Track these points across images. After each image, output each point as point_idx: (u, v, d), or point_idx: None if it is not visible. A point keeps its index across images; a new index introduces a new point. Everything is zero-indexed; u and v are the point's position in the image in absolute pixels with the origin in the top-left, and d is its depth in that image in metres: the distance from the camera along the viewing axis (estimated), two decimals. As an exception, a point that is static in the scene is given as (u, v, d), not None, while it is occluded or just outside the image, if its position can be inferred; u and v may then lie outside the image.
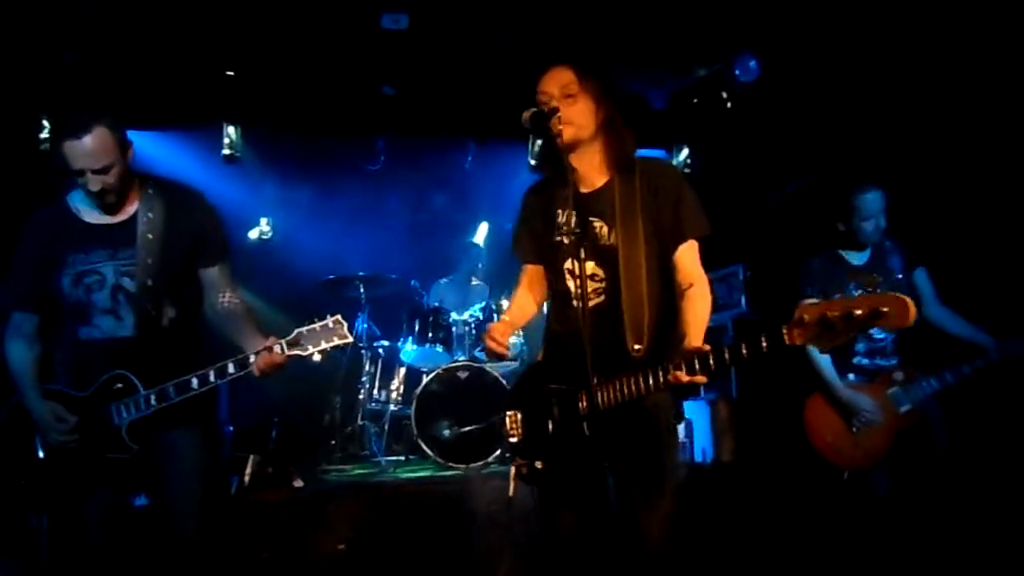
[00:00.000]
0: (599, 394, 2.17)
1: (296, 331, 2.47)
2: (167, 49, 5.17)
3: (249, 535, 3.70)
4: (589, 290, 2.31)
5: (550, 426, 2.33)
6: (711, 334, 2.17)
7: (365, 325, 5.83)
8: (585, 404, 2.23)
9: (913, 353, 3.50)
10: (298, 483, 4.49)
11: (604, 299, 2.32)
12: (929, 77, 4.53)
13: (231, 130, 6.03)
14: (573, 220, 2.27)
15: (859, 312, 1.78)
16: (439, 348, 5.43)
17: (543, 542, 2.42)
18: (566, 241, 2.36)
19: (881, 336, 3.46)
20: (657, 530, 2.23)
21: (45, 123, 5.49)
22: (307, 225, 6.85)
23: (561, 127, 2.26)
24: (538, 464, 2.34)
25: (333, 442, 5.51)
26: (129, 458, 2.50)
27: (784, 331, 1.90)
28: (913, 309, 1.75)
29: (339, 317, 2.50)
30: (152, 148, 5.83)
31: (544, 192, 2.51)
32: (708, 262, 2.35)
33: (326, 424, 5.66)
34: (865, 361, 3.49)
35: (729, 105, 5.87)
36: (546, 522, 2.40)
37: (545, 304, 2.64)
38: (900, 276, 3.55)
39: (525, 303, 2.60)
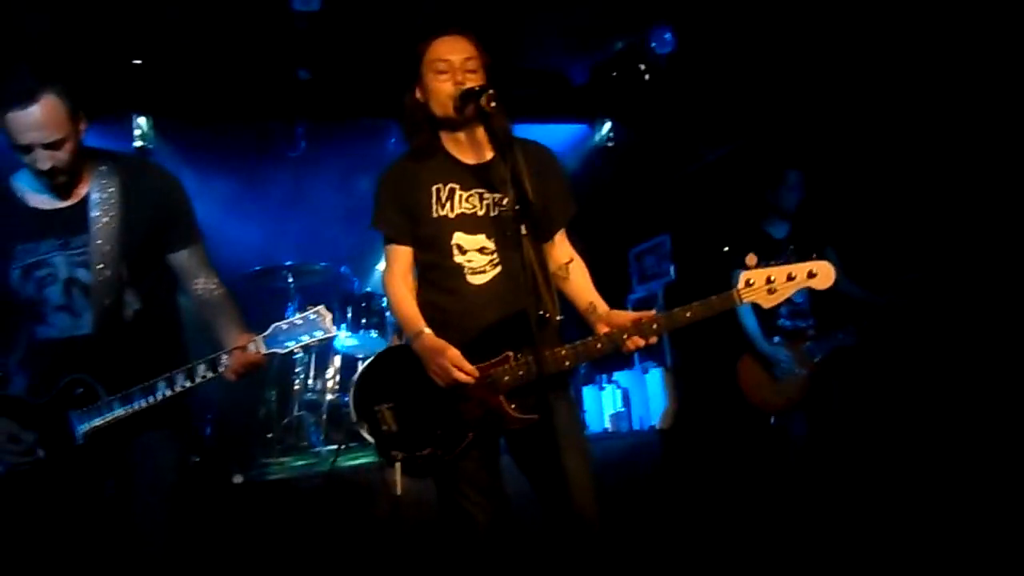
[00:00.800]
0: (535, 364, 2.09)
1: (273, 326, 2.24)
2: (69, 37, 4.93)
3: (191, 534, 3.63)
4: (485, 263, 2.29)
5: (445, 409, 2.22)
6: (643, 303, 2.25)
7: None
8: (509, 379, 2.17)
9: (824, 314, 4.10)
10: (238, 479, 4.41)
11: (501, 270, 2.28)
12: (842, 44, 4.70)
13: (142, 120, 5.82)
14: (481, 195, 2.32)
15: (796, 274, 2.24)
16: (373, 334, 5.38)
17: (460, 541, 2.28)
18: (451, 215, 2.31)
19: (800, 300, 4.04)
20: (594, 506, 2.21)
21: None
22: (229, 216, 6.63)
23: (493, 104, 2.15)
24: (438, 451, 2.23)
25: (271, 435, 5.41)
26: (97, 465, 2.29)
27: (735, 293, 2.21)
28: (834, 272, 2.27)
29: (322, 308, 2.27)
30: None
31: (413, 167, 2.38)
32: (635, 233, 2.43)
33: (262, 417, 5.55)
34: (787, 323, 4.05)
35: (647, 77, 5.97)
36: (458, 519, 2.28)
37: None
38: (814, 255, 3.90)
39: (414, 298, 2.36)
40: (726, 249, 4.05)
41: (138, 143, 5.71)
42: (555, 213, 2.40)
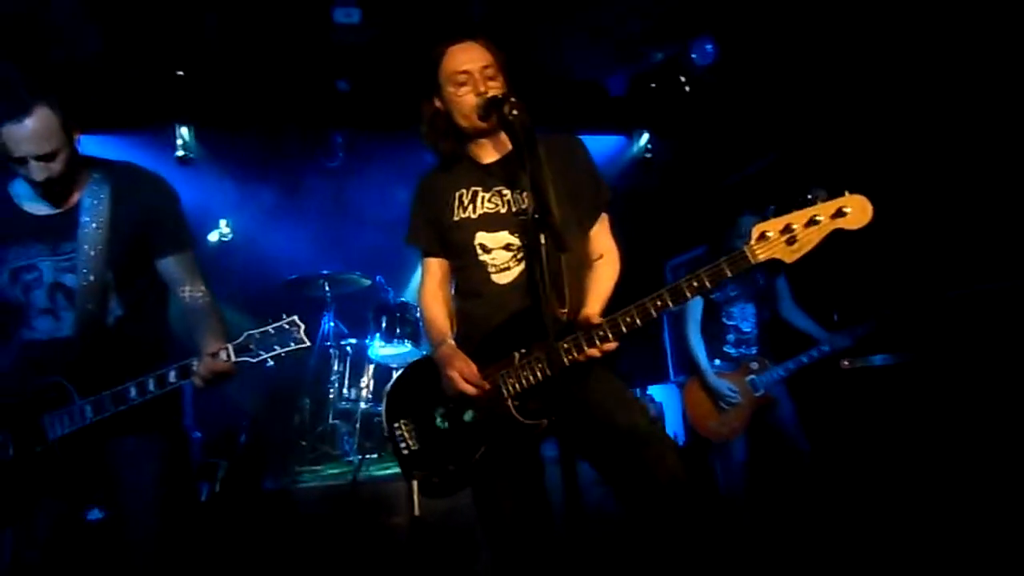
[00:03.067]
0: (542, 363, 2.05)
1: (245, 334, 2.17)
2: (115, 49, 5.04)
3: (223, 541, 3.65)
4: (509, 258, 2.24)
5: (457, 422, 2.17)
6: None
7: (332, 324, 5.77)
8: (513, 380, 2.09)
9: (770, 345, 4.08)
10: (271, 486, 4.44)
11: (526, 266, 2.22)
12: (883, 59, 4.61)
13: (184, 131, 5.93)
14: (501, 192, 2.26)
15: (821, 216, 1.84)
16: (407, 344, 5.40)
17: (488, 532, 2.24)
18: (474, 216, 2.27)
19: (747, 329, 4.06)
20: (672, 455, 2.09)
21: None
22: (268, 225, 6.74)
23: (516, 112, 2.09)
24: (451, 468, 2.17)
25: (304, 443, 5.44)
26: (71, 471, 2.25)
27: (748, 249, 1.92)
28: (870, 206, 1.82)
29: (295, 318, 2.18)
30: (102, 152, 5.67)
31: (439, 177, 2.39)
32: (673, 246, 2.35)
33: (296, 425, 5.59)
34: (733, 351, 4.06)
35: (687, 89, 5.91)
36: (486, 511, 2.24)
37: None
38: (763, 283, 4.11)
39: (445, 309, 2.35)
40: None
41: (180, 152, 5.82)
42: (586, 205, 2.32)
